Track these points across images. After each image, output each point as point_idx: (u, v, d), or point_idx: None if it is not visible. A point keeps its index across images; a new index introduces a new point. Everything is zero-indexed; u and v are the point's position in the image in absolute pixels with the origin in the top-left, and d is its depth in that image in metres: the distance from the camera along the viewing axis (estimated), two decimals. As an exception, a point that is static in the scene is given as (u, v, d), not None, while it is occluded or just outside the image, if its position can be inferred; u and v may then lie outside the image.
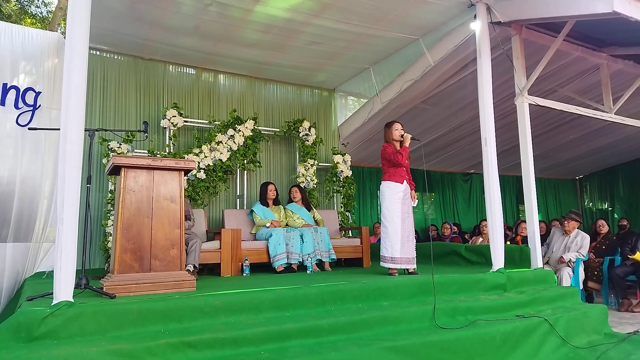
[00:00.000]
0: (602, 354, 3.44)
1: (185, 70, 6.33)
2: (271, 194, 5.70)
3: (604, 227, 6.19)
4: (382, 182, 4.41)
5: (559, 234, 5.57)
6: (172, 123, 5.69)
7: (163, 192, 3.41)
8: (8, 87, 4.67)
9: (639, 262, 5.41)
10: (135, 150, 5.45)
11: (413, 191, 4.48)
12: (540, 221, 7.01)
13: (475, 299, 3.72)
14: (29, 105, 4.76)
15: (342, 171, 6.78)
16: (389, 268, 4.24)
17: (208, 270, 5.06)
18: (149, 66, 6.04)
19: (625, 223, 7.94)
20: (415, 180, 4.63)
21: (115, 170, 3.42)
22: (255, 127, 6.15)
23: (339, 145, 7.34)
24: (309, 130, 6.63)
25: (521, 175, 4.79)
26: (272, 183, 5.84)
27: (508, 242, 5.83)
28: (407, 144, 4.37)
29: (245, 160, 6.11)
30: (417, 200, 4.53)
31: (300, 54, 5.96)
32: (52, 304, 2.60)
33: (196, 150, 5.69)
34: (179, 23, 5.06)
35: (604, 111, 5.69)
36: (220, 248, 4.77)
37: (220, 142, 5.82)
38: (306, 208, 5.83)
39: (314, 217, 5.81)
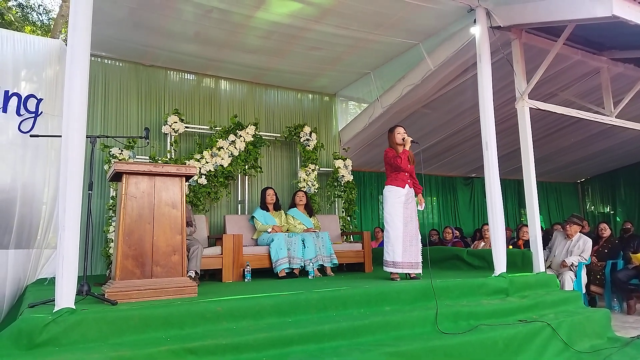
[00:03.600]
0: (606, 358, 3.42)
1: (186, 77, 6.36)
2: (269, 198, 5.69)
3: (606, 231, 6.17)
4: (384, 186, 4.41)
5: (561, 238, 5.55)
6: (173, 129, 5.71)
7: (164, 198, 3.41)
8: (10, 94, 4.68)
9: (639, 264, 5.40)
10: (136, 157, 5.46)
11: (420, 195, 4.47)
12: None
13: (477, 304, 3.71)
14: (30, 112, 4.77)
15: (343, 176, 6.78)
16: (391, 273, 4.23)
17: (209, 276, 5.05)
18: (150, 72, 6.06)
19: (629, 226, 7.89)
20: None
21: (117, 176, 3.43)
22: (257, 132, 6.17)
23: (339, 150, 7.35)
24: (310, 135, 6.64)
25: (522, 179, 4.79)
26: (271, 188, 5.84)
27: (510, 247, 5.82)
28: (407, 147, 4.37)
29: (247, 166, 6.12)
30: (424, 204, 4.51)
31: (301, 59, 5.98)
32: (54, 310, 2.60)
33: (197, 156, 5.70)
34: (180, 29, 5.08)
35: (604, 115, 5.69)
36: (221, 254, 4.76)
37: (222, 147, 5.83)
38: (308, 214, 5.83)
39: (314, 223, 5.80)
